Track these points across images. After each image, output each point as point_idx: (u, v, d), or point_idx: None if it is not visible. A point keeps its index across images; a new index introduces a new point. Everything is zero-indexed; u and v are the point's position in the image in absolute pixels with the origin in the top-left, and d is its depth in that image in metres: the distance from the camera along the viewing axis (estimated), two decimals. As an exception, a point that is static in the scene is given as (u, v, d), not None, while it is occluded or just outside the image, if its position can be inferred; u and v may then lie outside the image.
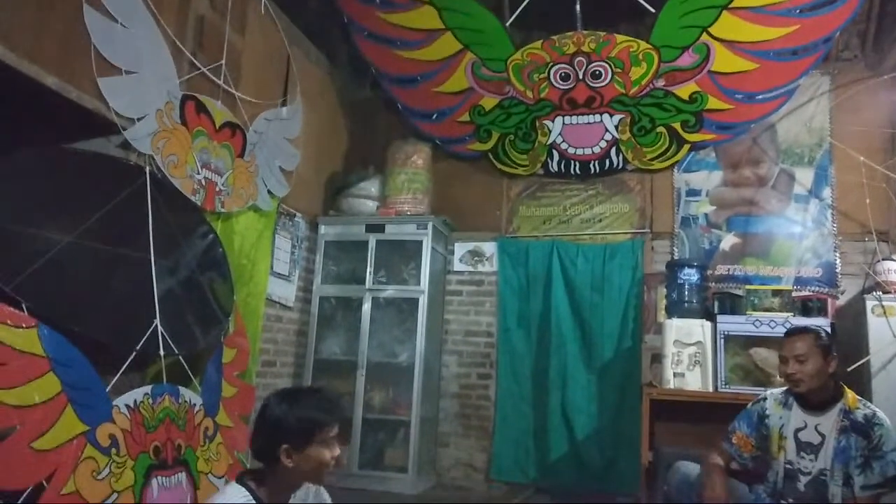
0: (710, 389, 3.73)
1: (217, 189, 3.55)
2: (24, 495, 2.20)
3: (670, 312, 4.02)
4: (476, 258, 4.96)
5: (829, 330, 2.53)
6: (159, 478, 2.68)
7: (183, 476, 2.80)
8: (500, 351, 4.76)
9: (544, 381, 4.59)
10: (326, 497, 1.93)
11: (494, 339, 4.82)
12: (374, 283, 4.64)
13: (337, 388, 4.56)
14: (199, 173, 3.41)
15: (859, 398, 2.35)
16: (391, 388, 4.62)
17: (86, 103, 2.91)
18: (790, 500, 2.34)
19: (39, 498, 2.22)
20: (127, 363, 2.71)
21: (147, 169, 3.14)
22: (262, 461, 1.75)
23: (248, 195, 3.81)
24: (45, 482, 2.24)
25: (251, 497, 1.67)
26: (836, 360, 2.37)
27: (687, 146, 4.58)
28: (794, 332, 2.43)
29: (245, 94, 3.86)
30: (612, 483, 4.35)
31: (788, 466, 2.36)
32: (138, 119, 3.11)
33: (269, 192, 4.04)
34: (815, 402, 2.35)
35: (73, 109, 2.89)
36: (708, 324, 3.84)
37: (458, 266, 4.99)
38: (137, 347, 2.77)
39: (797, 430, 2.38)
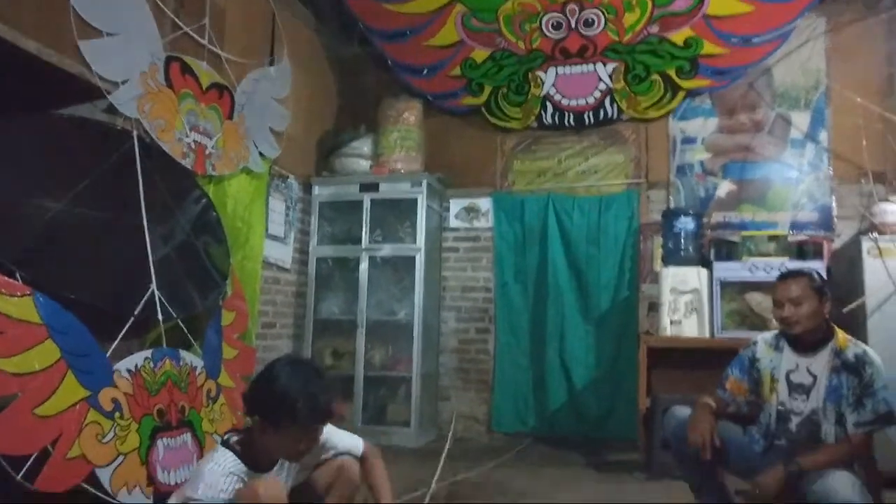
0: (707, 335, 3.77)
1: (207, 152, 3.51)
2: (30, 461, 2.23)
3: (666, 261, 4.03)
4: (471, 214, 4.95)
5: (821, 272, 2.53)
6: (164, 439, 2.72)
7: (188, 437, 2.84)
8: (498, 305, 4.79)
9: (542, 333, 4.64)
10: (334, 442, 1.88)
11: (492, 294, 4.85)
12: (370, 243, 4.64)
13: (338, 348, 4.62)
14: (187, 136, 3.37)
15: (849, 337, 2.37)
16: (391, 345, 4.66)
17: (68, 67, 2.86)
18: (783, 442, 2.38)
19: (46, 462, 2.26)
20: (125, 328, 2.72)
21: (134, 133, 3.10)
22: (250, 417, 1.73)
23: (239, 157, 3.77)
24: (50, 447, 2.28)
25: (238, 460, 1.65)
26: (830, 302, 2.38)
27: (682, 93, 4.51)
28: (787, 276, 2.43)
29: (230, 53, 3.79)
30: (610, 431, 4.44)
31: (780, 408, 2.39)
32: (122, 82, 3.06)
33: (260, 154, 4.00)
34: (806, 343, 2.37)
35: (55, 75, 2.85)
36: (704, 271, 3.85)
37: (453, 222, 4.98)
38: (136, 312, 2.78)
39: (789, 372, 2.40)
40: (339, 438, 1.89)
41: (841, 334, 2.38)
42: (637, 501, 3.06)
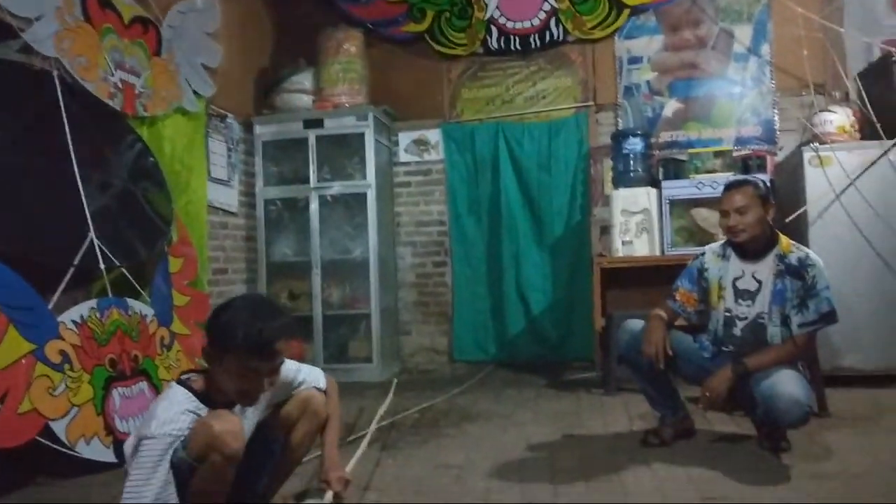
0: (658, 253, 3.85)
1: (136, 91, 3.32)
2: (-21, 418, 2.16)
3: (617, 183, 4.06)
4: (421, 147, 4.86)
5: (765, 180, 2.58)
6: (120, 389, 2.66)
7: (144, 385, 2.79)
8: (453, 238, 4.79)
9: (498, 262, 4.67)
10: (293, 376, 1.81)
11: (447, 228, 4.83)
12: (318, 182, 4.53)
13: (293, 289, 4.56)
14: (112, 75, 3.17)
15: (793, 243, 2.44)
16: (348, 283, 4.63)
17: (-27, 5, 2.62)
18: (730, 347, 2.47)
19: (-5, 419, 2.19)
20: (66, 279, 2.62)
21: (55, 73, 2.90)
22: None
23: (171, 96, 3.58)
24: (-2, 403, 2.20)
25: (195, 399, 1.58)
26: (774, 208, 2.43)
27: (627, 11, 4.45)
28: (732, 185, 2.47)
29: (152, -16, 3.53)
30: (568, 353, 4.56)
31: (727, 314, 2.48)
32: (36, 19, 2.83)
33: (194, 92, 3.80)
34: (751, 251, 2.43)
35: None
36: (653, 191, 3.90)
37: (403, 157, 4.89)
38: (75, 262, 2.66)
39: (735, 279, 2.47)
40: (305, 373, 1.87)
41: (784, 240, 2.45)
42: (593, 413, 3.16)
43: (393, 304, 4.80)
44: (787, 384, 2.21)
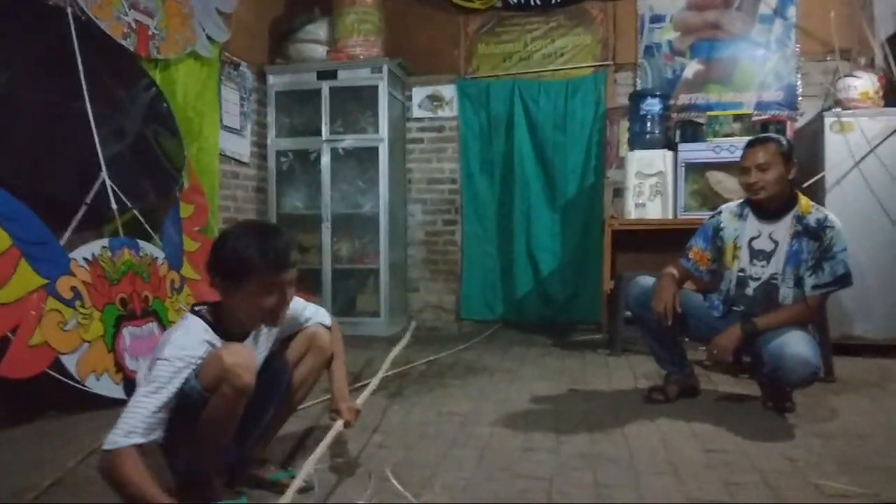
0: (670, 217, 3.81)
1: (150, 33, 3.28)
2: (-8, 348, 2.19)
3: (632, 145, 4.00)
4: (435, 103, 4.80)
5: (789, 139, 2.52)
6: (130, 328, 2.69)
7: (154, 326, 2.81)
8: (465, 196, 4.76)
9: (509, 222, 4.65)
10: (300, 312, 1.81)
11: (458, 186, 4.80)
12: (330, 134, 4.49)
13: (303, 242, 4.57)
14: (126, 14, 3.13)
15: (813, 203, 2.40)
16: (357, 238, 4.63)
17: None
18: (741, 307, 2.46)
19: (7, 350, 2.21)
20: (78, 217, 2.62)
21: (69, 10, 2.86)
22: (210, 287, 1.62)
23: (184, 40, 3.53)
24: (10, 334, 2.23)
25: (210, 328, 1.58)
26: (796, 167, 2.39)
27: (651, -33, 4.34)
28: (755, 142, 2.43)
29: (167, -77, 3.46)
30: (575, 314, 4.56)
31: (741, 274, 2.45)
32: (49, -46, 2.79)
33: (208, 37, 3.76)
34: (770, 210, 2.40)
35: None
36: (669, 153, 3.84)
37: (417, 112, 4.84)
38: (87, 200, 2.66)
39: (751, 239, 2.44)
40: (311, 311, 1.87)
41: (804, 200, 2.41)
42: (598, 371, 3.17)
43: (402, 261, 4.80)
44: (797, 344, 2.20)
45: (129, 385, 2.52)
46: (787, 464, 1.90)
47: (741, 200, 2.55)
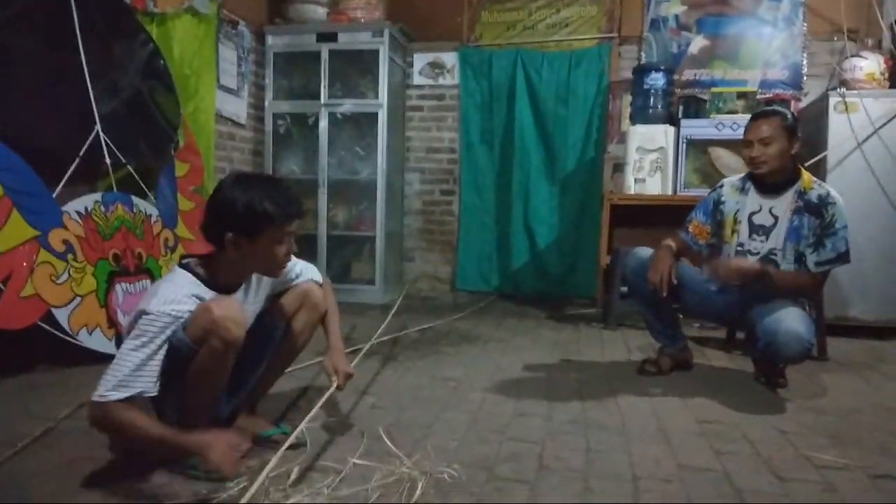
0: (670, 193, 3.79)
1: (147, -15, 3.20)
2: (-18, 298, 2.17)
3: (634, 119, 3.96)
4: (436, 70, 4.74)
5: (793, 112, 2.49)
6: (123, 284, 2.67)
7: (147, 283, 2.79)
8: (463, 167, 4.72)
9: (507, 194, 4.62)
10: (290, 268, 1.78)
11: (457, 156, 4.75)
12: (329, 98, 4.43)
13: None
14: (123, -35, 3.05)
15: (815, 179, 2.38)
16: (354, 205, 4.60)
17: None
18: (737, 282, 2.44)
19: (-2, 300, 2.19)
20: (71, 169, 2.58)
21: (62, -43, 2.78)
22: (211, 244, 1.61)
23: (182, -6, 3.46)
24: (1, 285, 2.20)
25: (197, 281, 1.56)
26: (800, 142, 2.37)
27: (661, -63, 4.26)
28: (759, 115, 2.40)
29: None
30: (570, 289, 4.56)
31: (739, 248, 2.44)
32: None
33: (206, -8, 3.68)
34: (772, 185, 2.38)
35: None
36: (671, 129, 3.81)
37: (417, 80, 4.77)
38: (81, 153, 2.62)
39: (752, 214, 2.42)
40: (302, 266, 1.85)
41: (807, 176, 2.39)
42: (592, 344, 3.18)
43: (398, 230, 4.77)
44: (791, 320, 2.20)
45: (121, 340, 2.50)
46: (779, 435, 1.90)
47: (743, 174, 2.53)
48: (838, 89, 3.54)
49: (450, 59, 4.69)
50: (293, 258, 1.80)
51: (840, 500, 1.48)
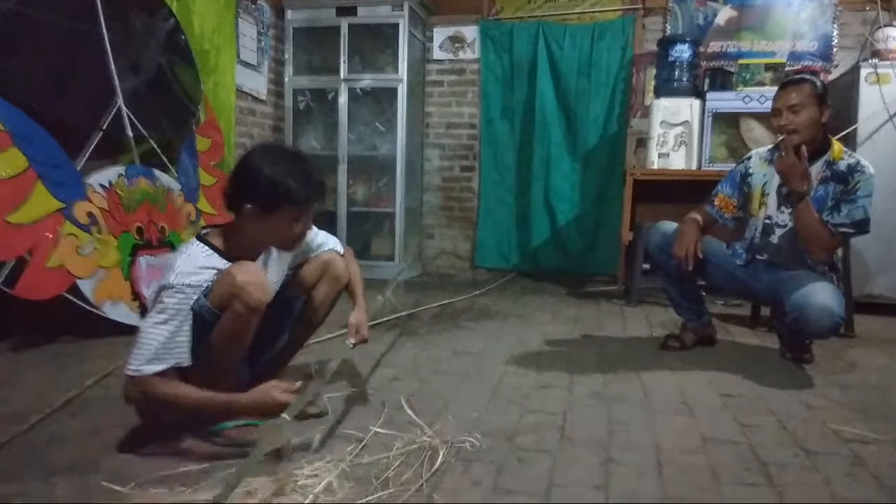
0: (694, 168, 3.72)
1: (166, -43, 3.19)
2: (9, 269, 2.19)
3: (659, 92, 3.88)
4: (457, 45, 4.68)
5: (823, 80, 2.41)
6: (146, 257, 2.69)
7: (170, 256, 2.80)
8: (484, 142, 4.67)
9: (528, 170, 4.57)
10: (312, 238, 1.80)
11: (477, 131, 4.71)
12: (348, 73, 4.40)
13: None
14: (143, -63, 3.03)
15: (847, 150, 2.31)
16: (373, 181, 4.59)
17: None
18: (765, 256, 2.40)
19: (24, 270, 2.22)
20: (93, 142, 2.59)
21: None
22: (231, 212, 1.60)
23: (202, -32, 3.44)
24: (27, 256, 2.23)
25: (214, 252, 1.56)
26: (830, 110, 2.30)
27: None
28: (788, 83, 2.33)
29: None
30: (590, 266, 4.52)
31: (767, 221, 2.39)
32: None
33: (226, -33, 3.66)
34: (801, 155, 2.32)
35: None
36: (697, 102, 3.73)
37: (437, 54, 4.72)
38: (103, 126, 2.63)
39: (780, 186, 2.37)
40: (323, 237, 1.84)
41: (837, 146, 2.32)
42: (613, 319, 3.15)
43: (417, 207, 4.76)
44: (822, 294, 2.15)
45: (145, 311, 2.52)
46: (805, 409, 1.87)
47: (772, 146, 2.47)
48: (870, 60, 3.44)
49: (470, 32, 4.62)
50: (314, 228, 1.79)
51: (869, 472, 1.45)
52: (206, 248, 1.58)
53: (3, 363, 2.18)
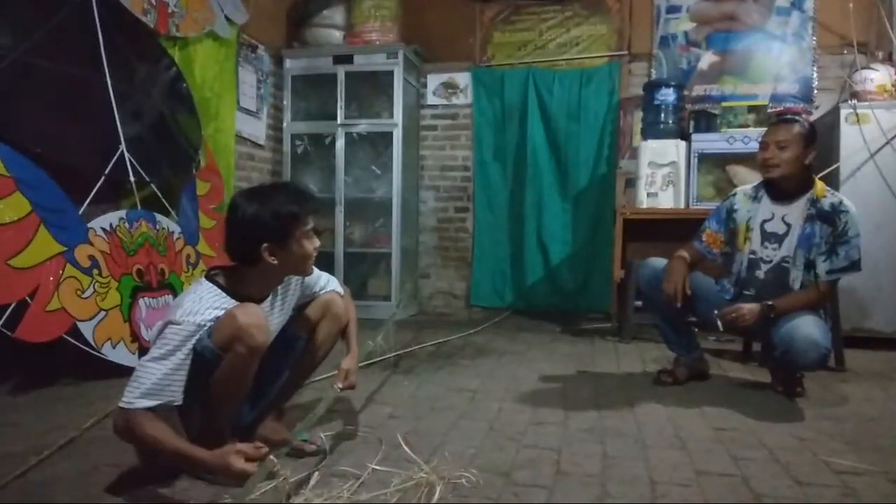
0: (682, 206, 3.81)
1: (169, 11, 3.31)
2: (8, 311, 2.22)
3: (646, 135, 3.99)
4: (450, 90, 4.82)
5: (812, 123, 2.52)
6: (146, 299, 2.72)
7: (170, 298, 2.85)
8: (477, 184, 4.77)
9: (520, 211, 4.66)
10: (315, 280, 1.86)
11: (471, 173, 4.81)
12: (345, 119, 4.52)
13: (317, 225, 4.57)
14: (147, -9, 3.16)
15: (828, 188, 2.40)
16: (370, 223, 4.66)
17: None
18: (752, 291, 2.46)
19: (25, 313, 2.25)
20: (97, 187, 2.65)
21: (89, -16, 2.89)
22: (243, 263, 1.64)
23: (203, 20, 3.56)
24: (28, 299, 2.26)
25: (223, 293, 1.59)
26: (815, 153, 2.39)
27: (668, -43, 4.33)
28: (781, 121, 2.45)
29: None
30: (584, 303, 4.57)
31: (752, 256, 2.46)
32: (71, -73, 2.81)
33: (227, 18, 3.79)
34: (785, 192, 2.40)
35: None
36: (683, 143, 3.84)
37: (431, 99, 4.85)
38: (106, 172, 2.70)
39: (764, 222, 2.44)
40: (325, 278, 1.89)
41: (820, 185, 2.41)
42: (607, 356, 3.18)
43: (413, 247, 4.82)
44: (807, 327, 2.21)
45: (144, 353, 2.54)
46: (797, 442, 1.90)
47: (756, 183, 2.55)
48: (849, 101, 3.57)
49: (463, 79, 4.77)
50: (316, 270, 1.84)
51: None
52: (215, 287, 1.61)
53: (2, 405, 2.19)
